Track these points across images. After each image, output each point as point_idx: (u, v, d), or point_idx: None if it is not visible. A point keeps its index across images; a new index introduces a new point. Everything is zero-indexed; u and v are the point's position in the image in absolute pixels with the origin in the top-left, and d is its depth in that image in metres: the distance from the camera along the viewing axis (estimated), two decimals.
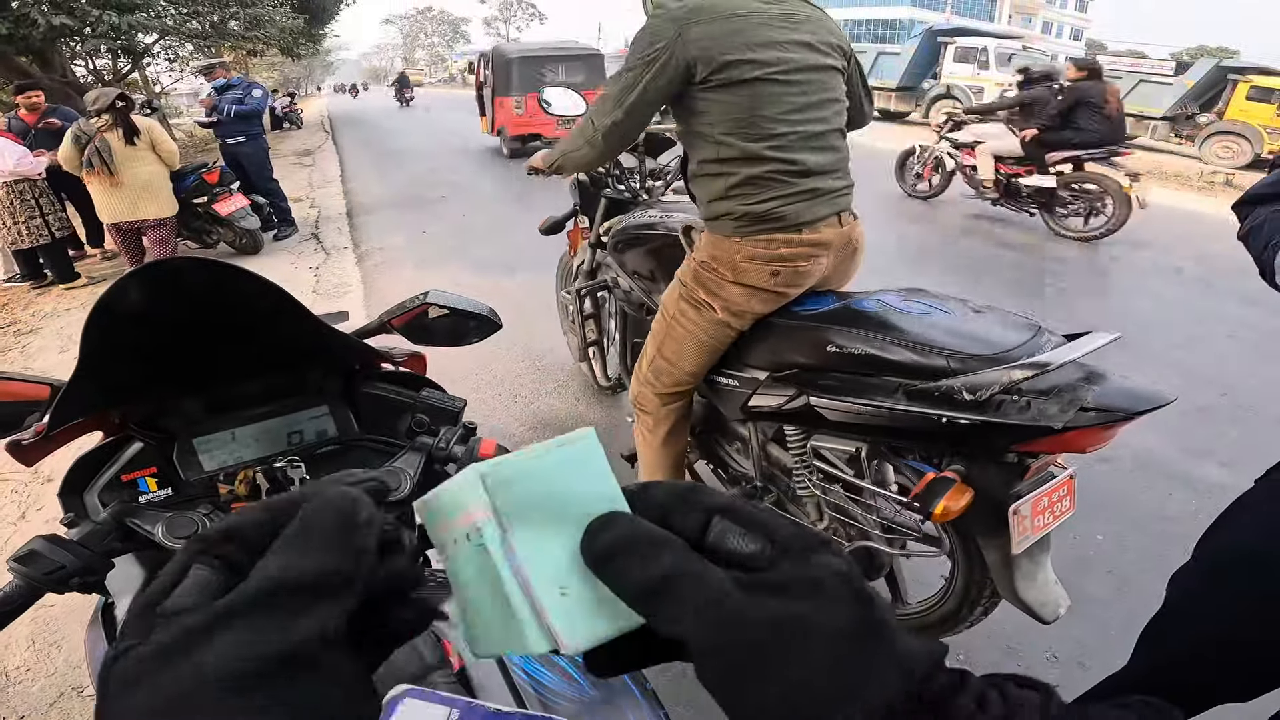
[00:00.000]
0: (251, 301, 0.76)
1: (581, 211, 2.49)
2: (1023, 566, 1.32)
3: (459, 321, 1.01)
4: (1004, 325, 1.28)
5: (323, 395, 0.94)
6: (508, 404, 3.24)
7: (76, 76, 10.52)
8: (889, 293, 1.45)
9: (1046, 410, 1.11)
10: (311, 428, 0.91)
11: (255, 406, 0.89)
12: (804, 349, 1.46)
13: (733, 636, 0.23)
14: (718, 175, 1.48)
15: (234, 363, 0.86)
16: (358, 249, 5.88)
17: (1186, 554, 1.10)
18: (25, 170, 4.71)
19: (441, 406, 0.96)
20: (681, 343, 1.64)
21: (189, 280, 0.71)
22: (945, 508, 1.17)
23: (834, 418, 1.38)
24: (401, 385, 1.00)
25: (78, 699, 1.83)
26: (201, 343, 0.79)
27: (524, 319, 4.04)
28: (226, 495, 0.80)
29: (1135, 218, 5.34)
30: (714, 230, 1.54)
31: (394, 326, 1.00)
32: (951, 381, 1.18)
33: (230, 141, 6.18)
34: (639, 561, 0.25)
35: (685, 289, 1.61)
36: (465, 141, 12.83)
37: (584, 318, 2.65)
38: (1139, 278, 4.94)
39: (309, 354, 0.92)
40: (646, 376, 1.76)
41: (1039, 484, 1.28)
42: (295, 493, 0.27)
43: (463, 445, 0.88)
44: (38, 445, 0.82)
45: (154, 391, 0.86)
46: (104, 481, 0.84)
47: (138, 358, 0.76)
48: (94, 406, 0.83)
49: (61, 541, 0.69)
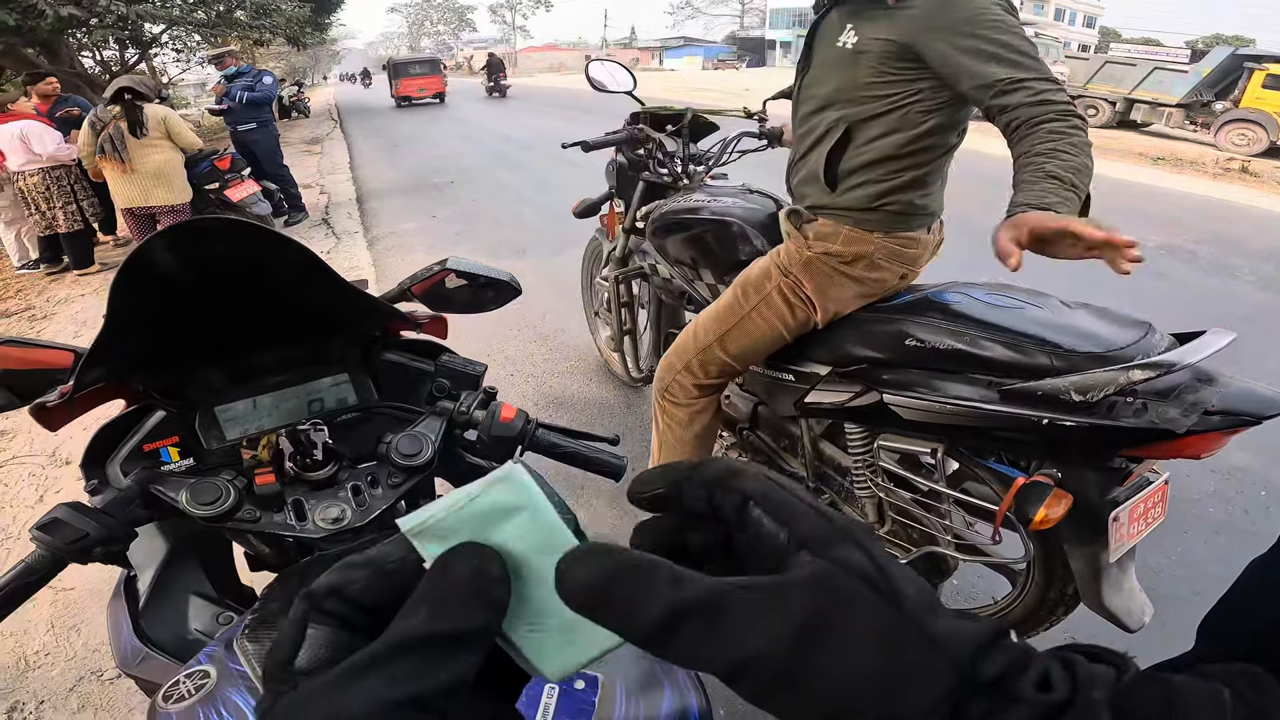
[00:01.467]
0: (278, 261, 0.75)
1: (617, 195, 2.39)
2: (1111, 575, 1.23)
3: (478, 288, 1.00)
4: (1110, 322, 1.17)
5: (343, 363, 0.93)
6: (520, 384, 3.24)
7: (85, 68, 10.49)
8: (972, 286, 1.34)
9: (1166, 414, 1.01)
10: (332, 395, 0.91)
11: (276, 375, 0.89)
12: (877, 343, 1.36)
13: (754, 651, 0.22)
14: (904, 165, 1.32)
15: (257, 329, 0.86)
16: (368, 233, 5.91)
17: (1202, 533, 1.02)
18: (63, 156, 4.82)
19: (463, 371, 0.96)
20: (754, 336, 1.53)
21: (216, 239, 0.70)
22: (1044, 515, 1.08)
23: (910, 416, 1.28)
24: (421, 353, 1.01)
25: (97, 683, 1.81)
26: (227, 306, 0.78)
27: (535, 300, 4.08)
28: (249, 461, 0.79)
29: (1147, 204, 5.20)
30: (855, 222, 1.39)
31: (414, 294, 0.99)
32: (1058, 381, 1.07)
33: (242, 128, 6.17)
34: (631, 601, 0.23)
35: (787, 280, 1.47)
36: (473, 130, 12.75)
37: (620, 304, 2.54)
38: (1154, 260, 4.82)
39: (332, 319, 0.92)
40: (690, 365, 1.65)
41: (1137, 489, 1.18)
42: (390, 546, 0.27)
43: (483, 410, 0.88)
44: (61, 410, 0.81)
45: (177, 359, 0.85)
46: (126, 451, 0.84)
47: (163, 320, 0.76)
48: (118, 371, 0.82)
49: (85, 509, 0.69)
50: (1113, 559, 1.18)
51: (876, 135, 1.32)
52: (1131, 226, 4.50)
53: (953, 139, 1.34)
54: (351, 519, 0.77)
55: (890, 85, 1.27)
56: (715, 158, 2.21)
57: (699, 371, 1.64)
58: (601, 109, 11.33)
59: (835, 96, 1.34)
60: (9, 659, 1.89)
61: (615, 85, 2.32)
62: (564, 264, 4.68)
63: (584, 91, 20.22)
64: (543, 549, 0.26)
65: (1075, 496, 1.14)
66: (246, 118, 6.17)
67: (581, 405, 3.01)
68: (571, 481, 2.46)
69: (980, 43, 1.13)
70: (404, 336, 1.07)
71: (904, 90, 1.26)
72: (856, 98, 1.31)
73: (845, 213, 1.40)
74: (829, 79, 1.35)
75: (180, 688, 0.59)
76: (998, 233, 1.01)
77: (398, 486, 0.82)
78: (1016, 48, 1.12)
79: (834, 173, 1.38)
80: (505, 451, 0.90)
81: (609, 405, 3.01)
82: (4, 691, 1.80)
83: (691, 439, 1.72)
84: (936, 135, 1.30)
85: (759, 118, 2.29)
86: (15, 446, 3.02)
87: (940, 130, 1.30)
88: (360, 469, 0.84)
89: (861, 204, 1.37)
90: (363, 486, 0.81)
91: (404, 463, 0.81)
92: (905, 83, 1.26)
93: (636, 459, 2.61)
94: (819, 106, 1.38)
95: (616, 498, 2.41)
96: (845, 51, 1.29)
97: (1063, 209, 1.00)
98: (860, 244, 1.39)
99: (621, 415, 2.93)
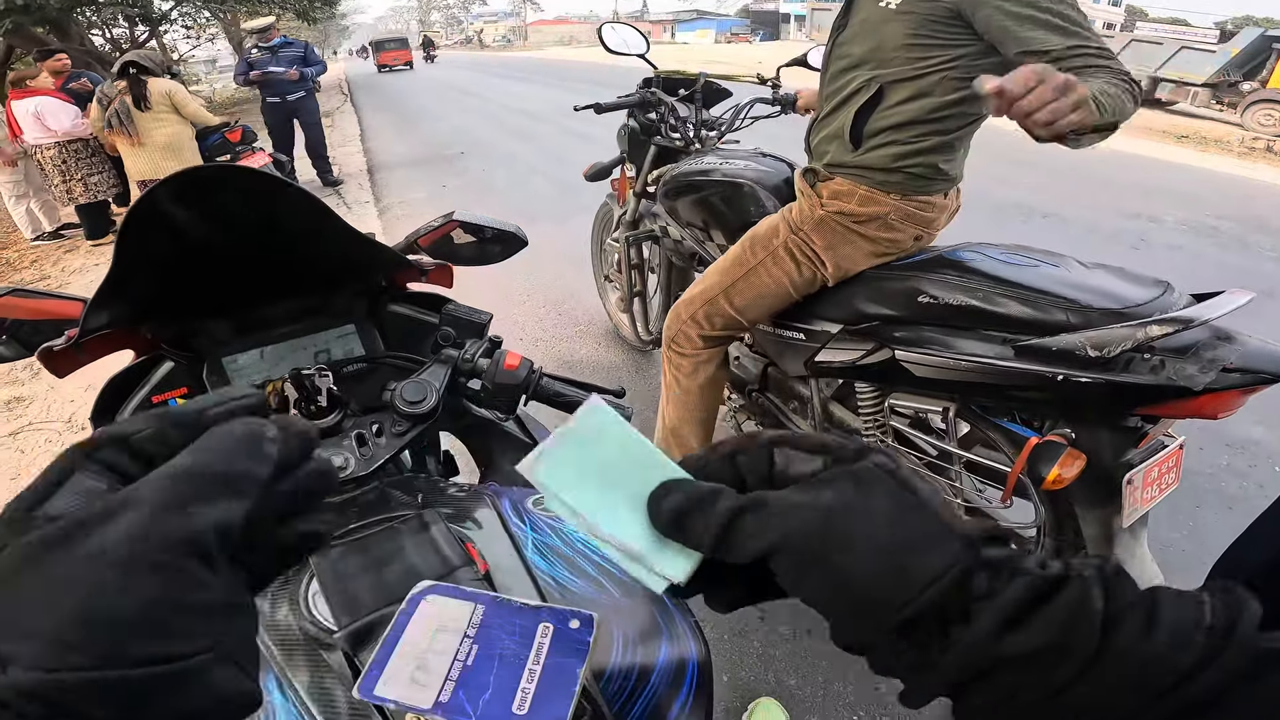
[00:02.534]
0: (286, 209, 0.75)
1: (629, 159, 2.36)
2: (1123, 541, 1.22)
3: (485, 241, 1.00)
4: (1128, 280, 1.15)
5: (349, 315, 0.94)
6: (529, 348, 3.23)
7: (95, 45, 10.48)
8: (987, 245, 1.32)
9: (1184, 370, 0.99)
10: (339, 347, 0.91)
11: (283, 326, 0.89)
12: (889, 300, 1.34)
13: (790, 529, 0.26)
14: (930, 130, 1.30)
15: (265, 280, 0.85)
16: (379, 203, 5.92)
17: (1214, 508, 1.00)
18: (79, 131, 4.90)
19: (468, 319, 0.95)
20: (759, 290, 1.52)
21: (222, 187, 0.69)
22: (1058, 475, 1.06)
23: (922, 374, 1.27)
24: (426, 305, 1.01)
25: None
26: (235, 255, 0.77)
27: (545, 266, 4.08)
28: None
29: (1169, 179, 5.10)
30: (874, 183, 1.36)
31: (421, 246, 0.99)
32: (1074, 337, 1.05)
33: (291, 97, 6.18)
34: (703, 518, 0.28)
35: (795, 238, 1.46)
36: (483, 102, 12.64)
37: (630, 266, 2.53)
38: (1174, 234, 4.73)
39: (339, 270, 0.92)
40: (696, 316, 1.65)
41: (1152, 452, 1.16)
42: (193, 406, 0.27)
43: (488, 358, 0.87)
44: (69, 356, 0.81)
45: (185, 308, 0.85)
46: (135, 403, 0.84)
47: (169, 267, 0.75)
48: (125, 318, 0.82)
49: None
50: (1126, 524, 1.16)
51: (907, 97, 1.29)
52: (1152, 201, 4.44)
53: (985, 107, 1.29)
54: (355, 468, 0.77)
55: (929, 49, 1.23)
56: (728, 123, 2.18)
57: (704, 323, 1.64)
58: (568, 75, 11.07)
59: (870, 56, 1.30)
60: None
61: (628, 49, 2.29)
62: (573, 231, 4.67)
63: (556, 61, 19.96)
64: (638, 464, 0.31)
65: (1089, 457, 1.12)
66: (295, 86, 6.17)
67: (591, 369, 3.01)
68: None
69: (1034, 10, 1.09)
70: (410, 289, 1.07)
71: (943, 55, 1.23)
72: (892, 59, 1.27)
73: (865, 172, 1.37)
74: (866, 38, 1.31)
75: None
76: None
77: (402, 435, 0.81)
78: (1071, 17, 1.08)
79: (860, 131, 1.36)
80: (510, 400, 0.89)
81: (618, 368, 3.01)
82: None
83: (696, 390, 1.72)
84: (969, 103, 1.27)
85: (772, 84, 2.27)
86: (32, 413, 3.06)
87: (973, 99, 1.24)
88: (365, 418, 0.83)
89: (882, 164, 1.35)
90: (367, 435, 0.80)
91: (408, 410, 0.80)
92: (945, 47, 1.22)
93: (645, 423, 2.61)
94: (852, 65, 1.35)
95: None
96: (887, 11, 1.25)
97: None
98: (876, 204, 1.36)
99: (630, 378, 2.93)
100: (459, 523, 0.71)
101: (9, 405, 3.14)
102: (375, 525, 0.67)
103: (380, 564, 0.62)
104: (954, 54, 1.23)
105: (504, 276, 3.73)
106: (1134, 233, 4.67)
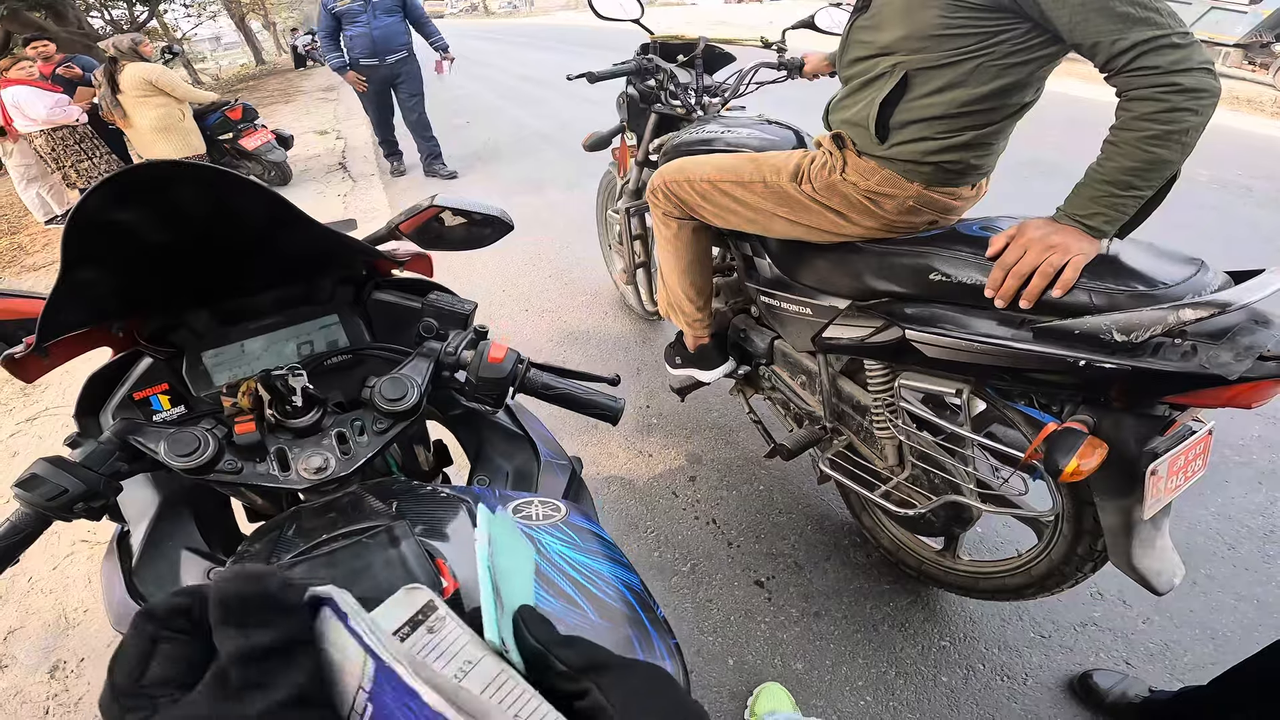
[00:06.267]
0: (244, 203, 0.71)
1: (629, 128, 2.28)
2: (1144, 533, 1.15)
3: (474, 225, 0.97)
4: (1158, 258, 1.05)
5: (333, 304, 0.91)
6: (534, 319, 3.22)
7: (93, 28, 10.39)
8: (1004, 219, 1.23)
9: (1217, 358, 0.91)
10: (322, 338, 0.89)
11: (265, 318, 0.87)
12: (899, 276, 1.26)
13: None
14: (964, 125, 1.18)
15: (238, 273, 0.83)
16: (384, 176, 5.88)
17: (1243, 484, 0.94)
18: (59, 118, 4.89)
19: (450, 310, 0.93)
20: (755, 211, 1.50)
21: (165, 184, 0.66)
22: (1077, 466, 1.00)
23: (934, 354, 1.20)
24: (413, 292, 0.98)
25: None
26: (195, 250, 0.75)
27: (551, 236, 4.06)
28: (230, 409, 0.75)
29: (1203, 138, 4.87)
30: (900, 171, 1.26)
31: (403, 232, 0.95)
32: (1098, 320, 0.98)
33: (391, 59, 4.71)
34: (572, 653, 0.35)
35: (800, 187, 1.40)
36: (489, 69, 12.43)
37: (632, 238, 2.47)
38: (1205, 193, 4.53)
39: (314, 262, 0.88)
40: (673, 190, 1.66)
41: (1178, 440, 1.09)
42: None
43: (472, 350, 0.84)
44: (33, 361, 0.79)
45: (154, 303, 0.83)
46: (117, 400, 0.82)
47: (125, 267, 0.73)
48: (84, 319, 0.79)
49: (64, 463, 0.66)
50: (1147, 515, 1.10)
51: (938, 88, 1.16)
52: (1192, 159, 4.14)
53: (1027, 97, 1.17)
54: (335, 468, 0.74)
55: (963, 35, 1.10)
56: (731, 89, 2.08)
57: (691, 193, 1.63)
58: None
59: (896, 45, 1.17)
60: (50, 616, 1.94)
61: (622, 13, 2.18)
62: (580, 199, 4.59)
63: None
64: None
65: (1111, 445, 1.05)
66: (398, 43, 4.62)
67: (597, 340, 2.97)
68: (585, 420, 2.44)
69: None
70: (396, 275, 1.03)
71: (979, 43, 1.09)
72: (920, 45, 1.14)
73: (893, 162, 1.27)
74: (890, 24, 1.17)
75: None
76: (1022, 226, 1.10)
77: (384, 433, 0.78)
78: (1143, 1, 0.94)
79: (885, 125, 1.24)
80: (496, 393, 0.84)
81: (624, 339, 2.97)
82: (46, 649, 1.85)
83: (673, 236, 1.76)
84: (1007, 95, 1.14)
85: (778, 48, 2.16)
86: (48, 399, 3.09)
87: (1013, 90, 1.13)
88: (346, 416, 0.79)
89: (912, 158, 1.24)
90: (348, 434, 0.77)
91: (388, 408, 0.76)
92: (982, 35, 1.09)
93: (652, 394, 2.57)
94: (873, 53, 1.22)
95: (630, 436, 2.38)
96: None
97: (1106, 228, 1.03)
98: (897, 188, 1.27)
99: (637, 349, 2.88)
100: (433, 535, 0.67)
101: (25, 391, 3.17)
102: (344, 538, 0.63)
103: (345, 582, 0.59)
104: (992, 40, 1.08)
105: (510, 247, 3.67)
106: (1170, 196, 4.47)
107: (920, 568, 1.67)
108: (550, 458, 0.97)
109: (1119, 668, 1.54)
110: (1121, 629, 1.63)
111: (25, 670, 1.80)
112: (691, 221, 1.70)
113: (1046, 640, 1.62)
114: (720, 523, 2.01)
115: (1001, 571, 1.46)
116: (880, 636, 1.65)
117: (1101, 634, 1.62)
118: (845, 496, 1.84)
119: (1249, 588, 1.70)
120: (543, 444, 0.99)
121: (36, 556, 2.13)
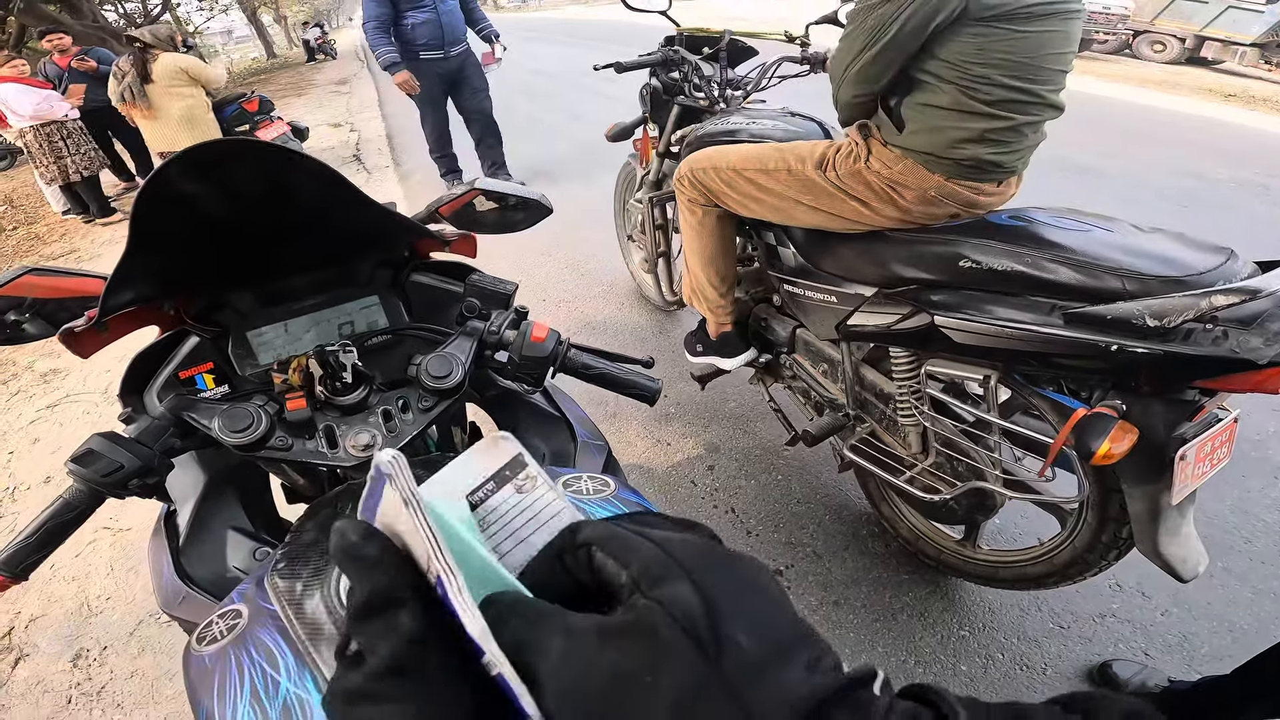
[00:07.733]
0: (302, 181, 0.72)
1: (651, 119, 2.30)
2: (1170, 519, 1.16)
3: (508, 209, 0.98)
4: (1188, 246, 1.07)
5: (373, 286, 0.93)
6: (551, 309, 3.25)
7: (107, 21, 10.46)
8: (1033, 209, 1.24)
9: (1248, 343, 0.93)
10: (362, 318, 0.90)
11: (307, 299, 0.88)
12: (928, 264, 1.28)
13: (581, 685, 0.21)
14: (973, 118, 1.22)
15: (287, 252, 0.84)
16: (399, 168, 5.91)
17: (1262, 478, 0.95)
18: (45, 114, 4.93)
19: (493, 290, 0.94)
20: (779, 199, 1.52)
21: (233, 159, 0.67)
22: (1109, 450, 1.01)
23: (963, 340, 1.21)
24: (451, 275, 1.00)
25: (155, 626, 1.84)
26: (253, 229, 0.76)
27: (567, 227, 4.05)
28: (281, 386, 0.77)
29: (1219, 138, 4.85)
30: (921, 161, 1.30)
31: (443, 215, 0.96)
32: (1131, 305, 0.99)
33: (455, 52, 4.09)
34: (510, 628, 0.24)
35: (824, 175, 1.42)
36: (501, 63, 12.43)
37: (655, 227, 2.49)
38: (1223, 192, 4.52)
39: (362, 241, 0.90)
40: (698, 178, 1.69)
41: (1206, 426, 1.10)
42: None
43: (514, 330, 0.85)
44: (91, 336, 0.80)
45: (206, 282, 0.84)
46: (162, 379, 0.84)
47: (188, 243, 0.74)
48: (144, 295, 0.81)
49: (119, 439, 0.67)
50: (1174, 501, 1.11)
51: (923, 92, 1.24)
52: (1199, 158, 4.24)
53: (1043, 93, 1.21)
54: (382, 445, 0.76)
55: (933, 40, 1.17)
56: (754, 83, 2.10)
57: (716, 180, 1.65)
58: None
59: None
60: (73, 604, 1.95)
61: (649, 4, 2.21)
62: (595, 191, 4.59)
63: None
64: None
65: (1140, 430, 1.06)
66: (461, 31, 4.03)
67: (614, 330, 3.00)
68: (605, 408, 2.45)
69: None
70: (433, 258, 1.05)
71: (942, 46, 1.17)
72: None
73: (914, 153, 1.30)
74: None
75: (213, 628, 0.57)
76: None
77: (428, 410, 0.80)
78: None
79: (898, 113, 1.29)
80: (538, 373, 0.86)
81: (642, 330, 2.99)
82: (69, 637, 1.85)
83: (714, 221, 1.78)
84: (991, 93, 1.19)
85: (801, 42, 2.18)
86: (69, 384, 3.11)
87: (998, 88, 1.18)
88: (391, 393, 0.81)
89: (928, 148, 1.28)
90: (393, 411, 0.79)
91: (434, 385, 0.78)
92: (942, 42, 1.16)
93: (670, 384, 2.58)
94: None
95: (649, 425, 2.40)
96: None
97: None
98: (920, 178, 1.29)
99: (654, 340, 2.90)
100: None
101: (45, 378, 3.21)
102: None
103: None
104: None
105: (526, 238, 3.68)
106: (1181, 190, 4.46)
107: (940, 557, 1.68)
108: (587, 438, 0.99)
109: (1138, 659, 1.55)
110: (1140, 620, 1.64)
111: (48, 659, 1.79)
112: (716, 209, 1.72)
113: (1065, 631, 1.63)
114: (739, 511, 2.03)
115: (1023, 560, 1.47)
116: (899, 625, 1.67)
117: (1120, 625, 1.63)
118: (864, 486, 1.86)
119: (1266, 581, 1.71)
120: (579, 424, 1.01)
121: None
